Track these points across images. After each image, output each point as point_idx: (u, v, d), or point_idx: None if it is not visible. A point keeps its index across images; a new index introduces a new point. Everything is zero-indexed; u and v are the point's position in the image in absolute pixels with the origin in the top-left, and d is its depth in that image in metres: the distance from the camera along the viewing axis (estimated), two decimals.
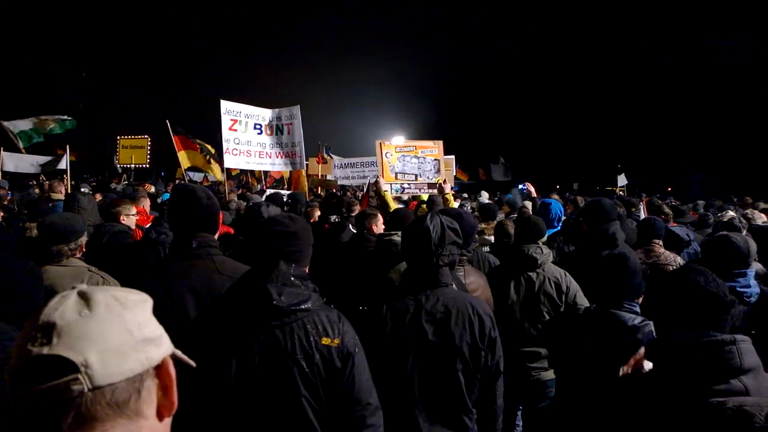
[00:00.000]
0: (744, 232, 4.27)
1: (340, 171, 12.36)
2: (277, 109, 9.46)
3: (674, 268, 3.71)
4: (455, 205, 4.87)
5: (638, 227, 4.58)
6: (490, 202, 9.41)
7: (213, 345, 1.73)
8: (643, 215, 6.42)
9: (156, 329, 0.87)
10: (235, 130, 8.73)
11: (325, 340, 1.74)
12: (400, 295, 2.20)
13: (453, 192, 6.36)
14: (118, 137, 17.70)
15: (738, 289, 2.97)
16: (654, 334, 2.11)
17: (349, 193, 13.38)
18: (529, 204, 7.44)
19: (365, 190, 9.74)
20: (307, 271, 1.97)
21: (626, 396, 1.62)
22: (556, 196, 8.94)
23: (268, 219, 2.00)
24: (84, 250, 2.99)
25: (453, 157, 13.04)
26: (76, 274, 2.79)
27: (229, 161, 8.80)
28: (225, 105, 8.64)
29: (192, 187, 2.22)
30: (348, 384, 1.76)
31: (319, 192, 11.70)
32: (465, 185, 27.69)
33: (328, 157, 13.98)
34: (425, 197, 6.08)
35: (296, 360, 1.70)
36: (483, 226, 5.36)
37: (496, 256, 4.03)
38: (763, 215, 6.64)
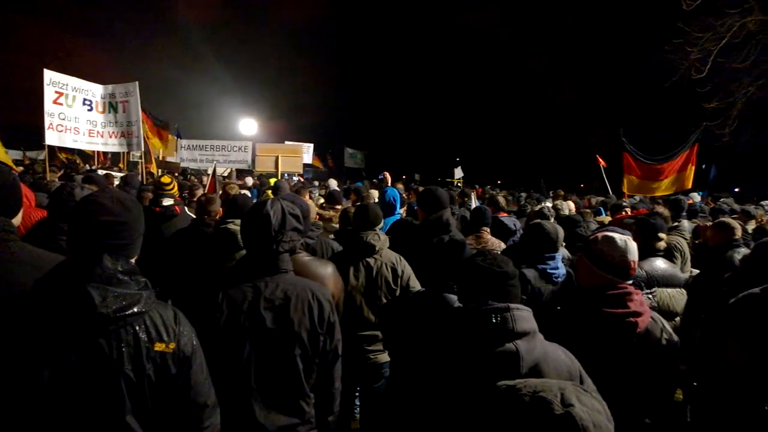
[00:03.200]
0: (552, 220, 4.92)
1: (186, 153, 11.55)
2: (110, 85, 8.54)
3: None
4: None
5: (471, 215, 5.03)
6: (337, 189, 9.57)
7: (19, 353, 1.42)
8: (474, 204, 7.06)
9: None
10: (60, 104, 7.69)
11: (159, 346, 1.55)
12: (236, 282, 2.10)
13: (304, 179, 6.37)
14: None
15: (548, 270, 3.34)
16: None
17: (193, 177, 12.58)
18: (375, 192, 7.70)
19: (211, 174, 9.30)
20: (136, 258, 1.74)
21: (446, 373, 1.74)
22: (400, 185, 9.46)
23: (91, 205, 1.59)
24: None
25: (312, 145, 13.02)
26: None
27: (52, 138, 7.68)
28: (49, 75, 7.53)
29: None
30: (184, 388, 1.61)
31: (158, 174, 10.81)
32: (319, 173, 27.80)
33: (175, 139, 12.99)
34: (273, 181, 5.98)
35: (124, 372, 1.48)
36: (329, 212, 5.42)
37: (341, 242, 4.07)
38: (572, 204, 7.77)
